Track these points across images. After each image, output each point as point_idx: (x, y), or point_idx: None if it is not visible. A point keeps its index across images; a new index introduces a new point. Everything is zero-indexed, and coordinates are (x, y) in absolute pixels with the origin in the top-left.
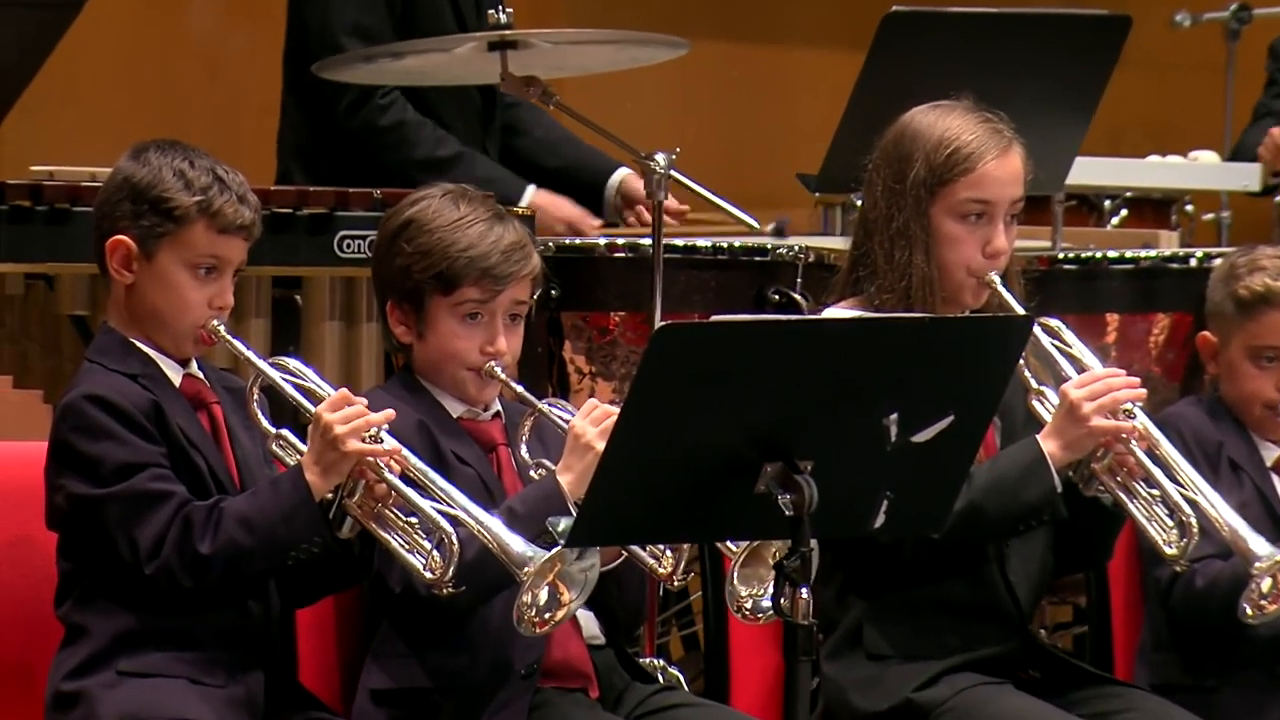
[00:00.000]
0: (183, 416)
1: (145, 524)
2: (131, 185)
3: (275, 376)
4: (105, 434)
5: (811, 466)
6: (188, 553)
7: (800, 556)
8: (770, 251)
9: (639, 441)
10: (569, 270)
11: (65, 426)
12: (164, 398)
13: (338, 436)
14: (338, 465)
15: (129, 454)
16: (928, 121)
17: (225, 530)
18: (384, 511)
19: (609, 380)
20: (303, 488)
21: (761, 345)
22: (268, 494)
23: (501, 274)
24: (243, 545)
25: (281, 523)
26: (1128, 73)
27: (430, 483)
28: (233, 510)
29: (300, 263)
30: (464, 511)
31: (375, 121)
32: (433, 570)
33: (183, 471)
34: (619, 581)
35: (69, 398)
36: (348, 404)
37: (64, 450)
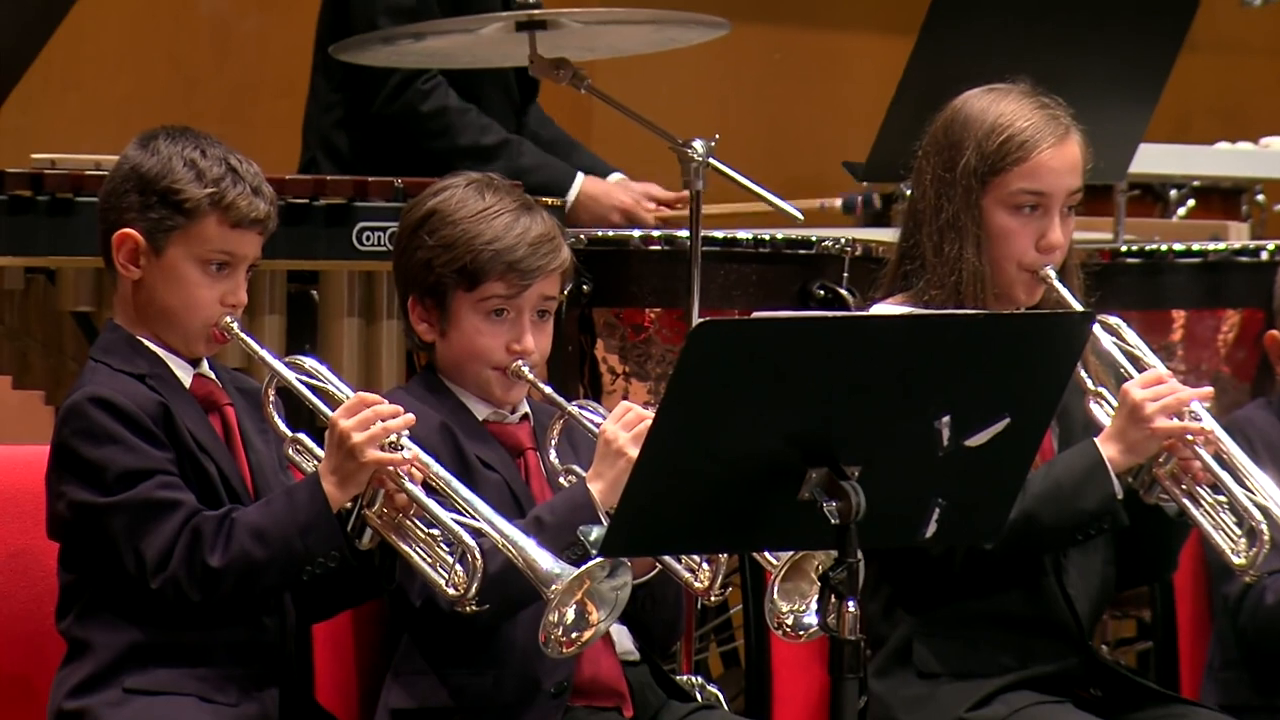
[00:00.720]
0: (193, 420)
1: (152, 534)
2: (139, 175)
3: (290, 378)
4: (110, 438)
5: (858, 472)
6: (197, 565)
7: (846, 568)
8: (815, 244)
9: (675, 446)
10: (601, 264)
11: (68, 430)
12: (173, 400)
13: (356, 445)
14: (356, 475)
15: (135, 460)
16: (980, 106)
17: (237, 542)
18: (405, 522)
19: (643, 381)
20: (320, 498)
21: (805, 343)
22: (283, 504)
23: (529, 268)
24: (256, 558)
25: (297, 535)
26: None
27: (453, 493)
28: (245, 521)
29: (317, 256)
30: (488, 524)
31: (417, 107)
32: (455, 586)
33: (192, 478)
34: (653, 595)
35: (72, 399)
36: (366, 409)
37: (66, 455)
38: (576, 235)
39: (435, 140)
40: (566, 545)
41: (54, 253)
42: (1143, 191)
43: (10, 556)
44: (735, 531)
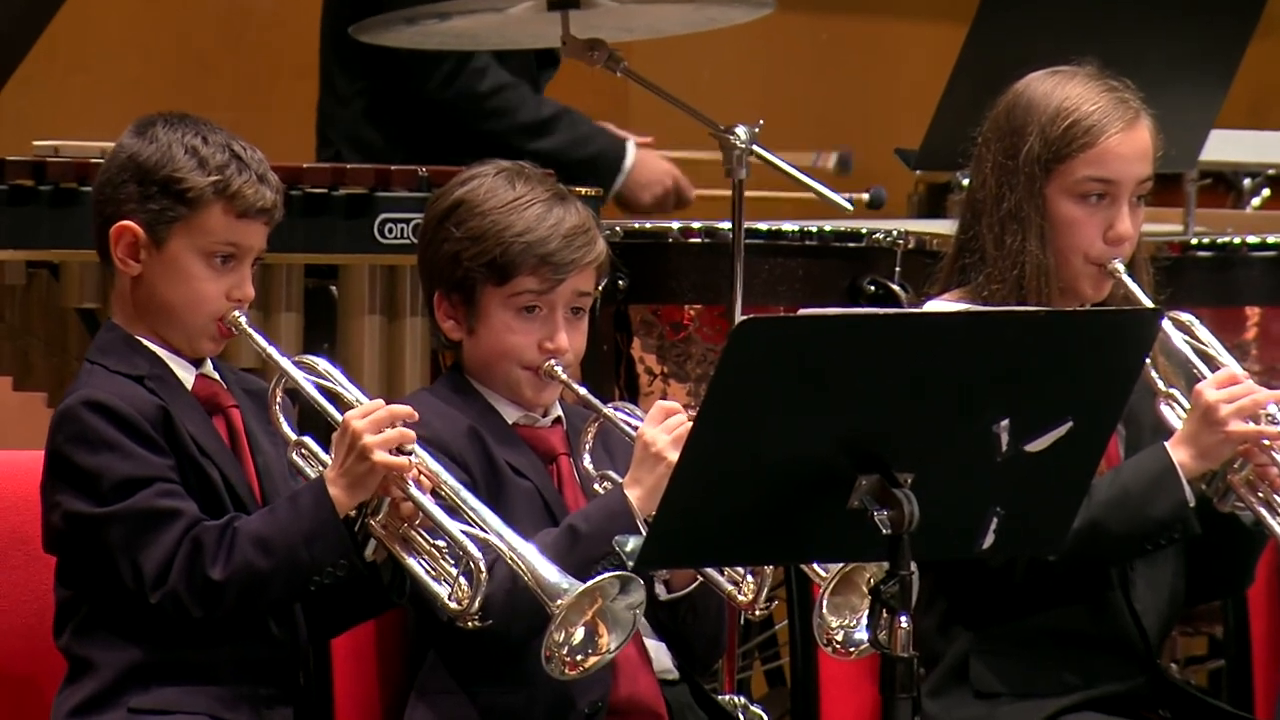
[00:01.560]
0: (195, 423)
1: (150, 546)
2: (138, 164)
3: (299, 377)
4: (106, 445)
5: (912, 479)
6: (197, 578)
7: (899, 581)
8: (865, 237)
9: (717, 451)
10: (638, 258)
11: (61, 436)
12: (173, 402)
13: (366, 446)
14: (365, 480)
15: (132, 467)
16: (1044, 90)
17: (240, 553)
18: (410, 533)
19: (683, 381)
20: (326, 504)
21: (855, 342)
22: (287, 511)
23: (562, 261)
24: (260, 569)
25: (303, 544)
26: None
27: (461, 502)
28: (248, 530)
29: (336, 249)
30: (495, 535)
31: (475, 88)
32: (458, 600)
33: (194, 485)
34: (694, 608)
35: (65, 404)
36: (381, 410)
37: (60, 463)
38: (612, 228)
39: (495, 120)
40: (602, 556)
41: (57, 246)
42: (1215, 181)
43: (10, 569)
44: (780, 542)
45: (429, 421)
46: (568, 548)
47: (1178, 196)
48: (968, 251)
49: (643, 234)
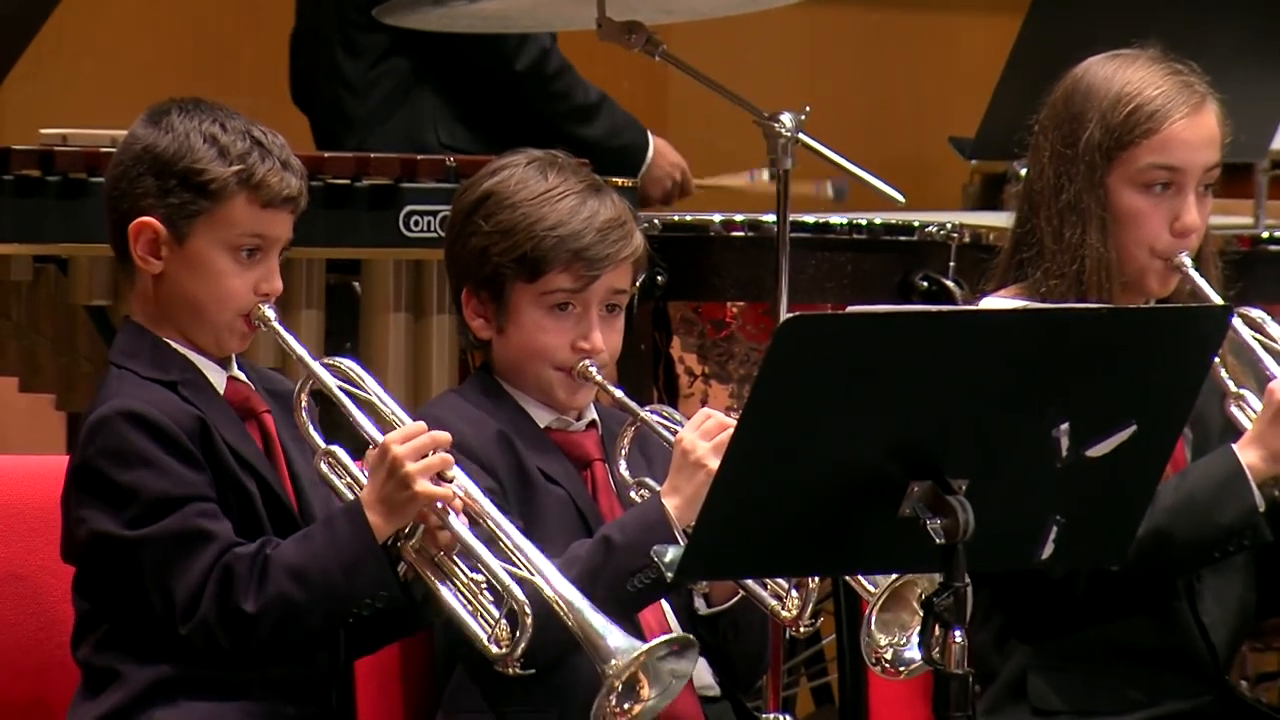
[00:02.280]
0: (232, 432)
1: (181, 572)
2: (154, 156)
3: (331, 384)
4: (142, 460)
5: (966, 486)
6: (230, 610)
7: (953, 593)
8: (917, 230)
9: (760, 456)
10: (678, 252)
11: (94, 448)
12: (209, 410)
13: (409, 474)
14: (405, 508)
15: (168, 485)
16: (1105, 74)
17: (274, 583)
18: (445, 561)
19: (725, 383)
20: (365, 531)
21: (907, 341)
22: (323, 539)
23: (597, 256)
24: (295, 601)
25: (341, 573)
26: None
27: (504, 536)
28: (282, 558)
29: (360, 243)
30: (542, 577)
31: (544, 68)
32: (499, 643)
33: (232, 500)
34: (736, 623)
35: (100, 413)
36: (423, 435)
37: (90, 476)
38: (650, 220)
39: (556, 102)
40: (639, 568)
41: (66, 240)
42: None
43: (15, 580)
44: (827, 553)
45: (456, 426)
46: (602, 560)
47: (1248, 187)
48: (1025, 246)
49: (683, 227)
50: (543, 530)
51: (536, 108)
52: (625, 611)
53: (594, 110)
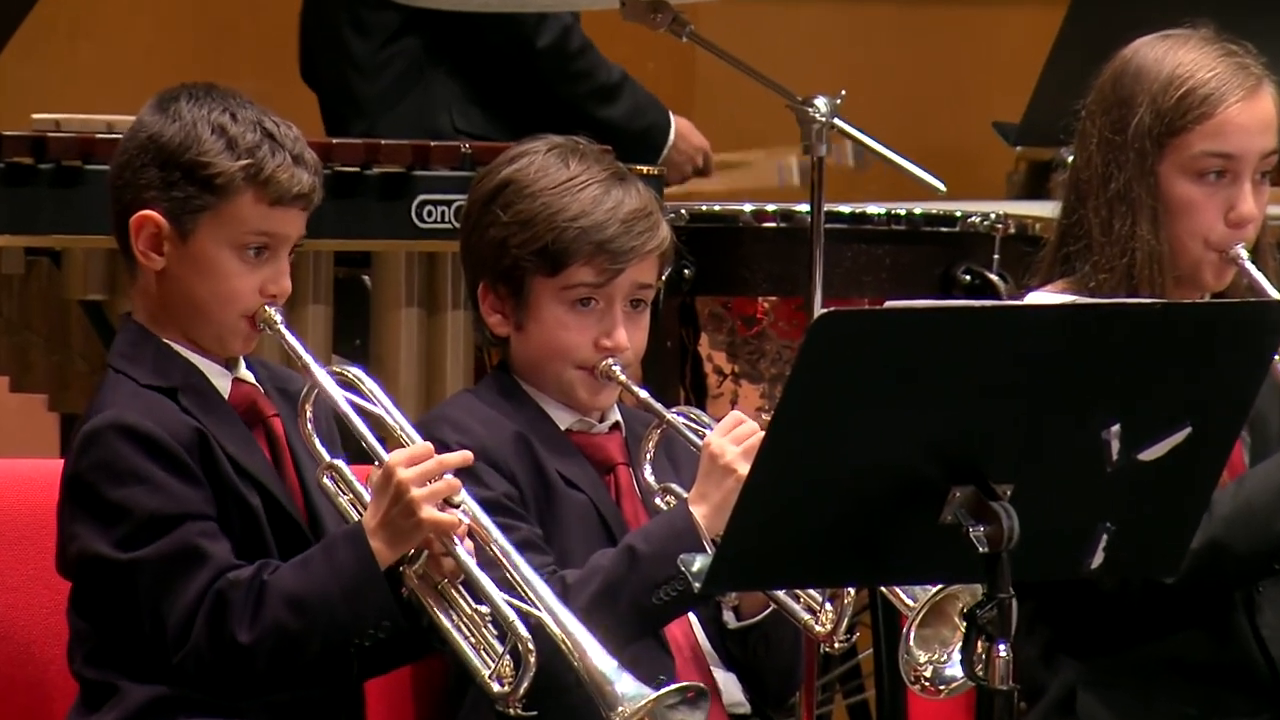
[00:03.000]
0: (234, 441)
1: (173, 598)
2: (159, 146)
3: (337, 397)
4: (135, 476)
5: (1011, 491)
6: (223, 640)
7: (997, 605)
8: (959, 221)
9: (792, 460)
10: (706, 244)
11: (86, 462)
12: (211, 419)
13: (414, 500)
14: (410, 535)
15: (162, 503)
16: (1155, 56)
17: (270, 611)
18: (449, 590)
19: (756, 383)
20: (367, 558)
21: (949, 338)
22: (323, 565)
23: (621, 249)
24: (293, 631)
25: (343, 602)
26: None
27: (512, 568)
28: (280, 585)
29: (370, 234)
30: (548, 614)
31: (567, 46)
32: (502, 681)
33: (233, 516)
34: (766, 638)
35: (93, 425)
36: (430, 459)
37: (82, 492)
38: (677, 210)
39: (577, 82)
40: (665, 580)
41: (59, 231)
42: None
43: (6, 590)
44: (863, 562)
45: (472, 428)
46: (626, 570)
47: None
48: (1072, 237)
49: (711, 218)
50: (563, 538)
51: (556, 88)
52: (650, 626)
53: (616, 90)
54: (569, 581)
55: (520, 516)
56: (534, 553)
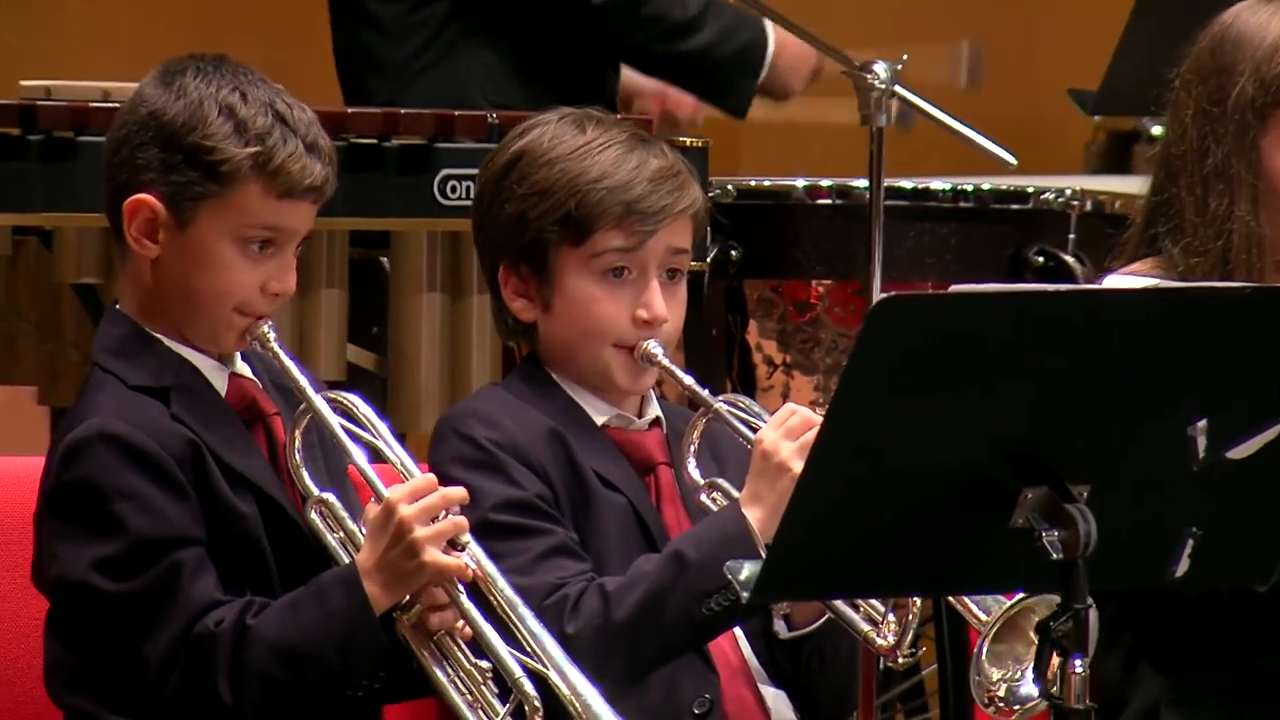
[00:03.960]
0: (232, 446)
1: (156, 636)
2: (161, 124)
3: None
4: (123, 494)
5: (1088, 492)
6: (203, 691)
7: (1073, 616)
8: (1032, 197)
9: (849, 458)
10: (755, 222)
11: (70, 475)
12: (206, 423)
13: (417, 541)
14: (409, 579)
15: (150, 524)
16: (1259, 21)
17: (255, 661)
18: (446, 642)
19: (809, 374)
20: (361, 604)
21: (1020, 326)
22: (313, 611)
23: (651, 209)
24: (280, 683)
25: (334, 651)
26: None
27: (518, 620)
28: (265, 633)
29: (388, 212)
30: (555, 670)
31: None
32: None
33: (227, 530)
34: (821, 652)
35: (79, 433)
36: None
37: (65, 508)
38: (723, 186)
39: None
40: (714, 590)
41: (50, 209)
42: None
43: None
44: (927, 570)
45: (502, 422)
46: (672, 580)
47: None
48: (1161, 217)
49: (760, 193)
50: (600, 542)
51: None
52: (698, 639)
53: (698, 21)
54: (609, 589)
55: (554, 519)
56: (569, 558)
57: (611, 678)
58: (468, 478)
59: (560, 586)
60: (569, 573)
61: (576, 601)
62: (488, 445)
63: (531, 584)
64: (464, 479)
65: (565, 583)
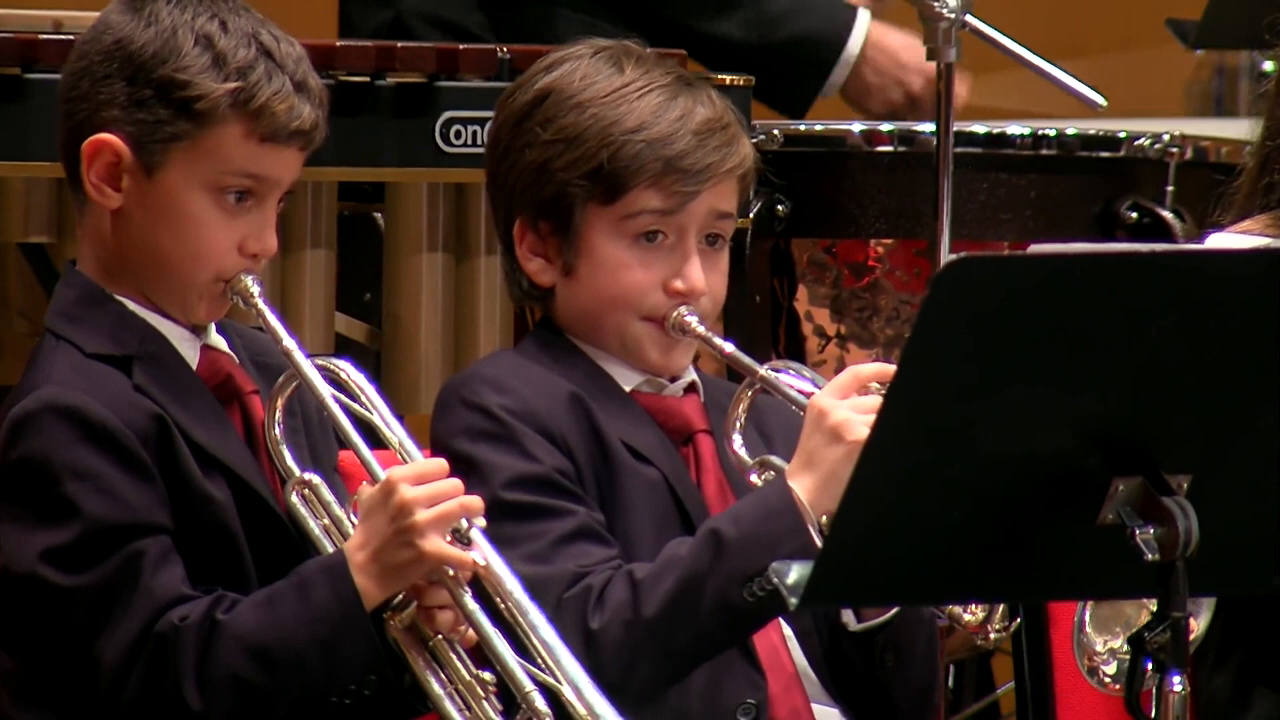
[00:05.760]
0: (203, 422)
1: (111, 633)
2: (127, 55)
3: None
4: (77, 473)
5: (1188, 484)
6: (166, 696)
7: (1171, 626)
8: (1123, 143)
9: (914, 443)
10: (805, 174)
11: (17, 453)
12: (174, 397)
13: (417, 525)
14: (405, 570)
15: (109, 508)
16: None
17: (225, 661)
18: (443, 647)
19: (868, 346)
20: (350, 599)
21: (1110, 292)
22: (293, 605)
23: (694, 166)
24: (254, 686)
25: (316, 652)
26: None
27: (530, 628)
28: (238, 629)
29: (383, 161)
30: (569, 685)
31: None
32: None
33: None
34: (895, 646)
35: (27, 405)
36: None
37: (12, 490)
38: (768, 131)
39: None
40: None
41: None
42: None
43: None
44: (1001, 572)
45: (516, 388)
46: (710, 562)
47: None
48: (1276, 165)
49: (811, 139)
50: (629, 523)
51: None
52: (739, 631)
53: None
54: (638, 578)
55: (575, 497)
56: (592, 543)
57: (642, 678)
58: (476, 451)
59: (583, 575)
60: (593, 559)
61: (601, 592)
62: (499, 413)
63: (550, 573)
64: (472, 453)
65: (588, 571)
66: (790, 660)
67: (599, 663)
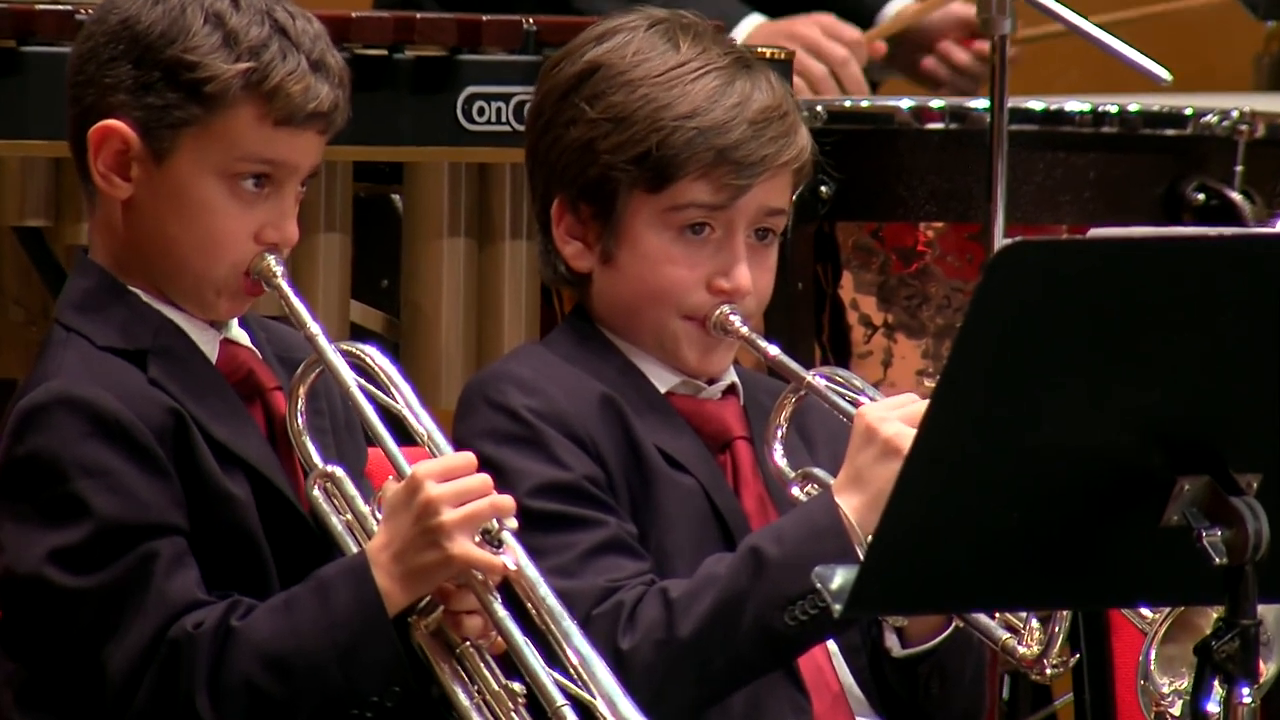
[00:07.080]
0: (223, 419)
1: (121, 638)
2: (134, 35)
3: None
4: (88, 470)
5: (1258, 484)
6: (176, 705)
7: (1239, 634)
8: (1189, 120)
9: (966, 440)
10: (851, 153)
11: (25, 448)
12: (192, 392)
13: (445, 525)
14: (432, 573)
15: (121, 507)
16: None
17: (240, 669)
18: (471, 655)
19: (916, 337)
20: (372, 601)
21: (1175, 279)
22: (311, 609)
23: (749, 157)
24: (269, 696)
25: (336, 660)
26: None
27: (562, 636)
28: (253, 637)
29: (401, 140)
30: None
31: None
32: None
33: (212, 520)
34: (942, 671)
35: (36, 397)
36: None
37: (19, 487)
38: (812, 109)
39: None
40: (798, 595)
41: None
42: None
43: None
44: (1059, 578)
45: (544, 389)
46: (749, 583)
47: None
48: None
49: (857, 116)
50: (663, 535)
51: None
52: (781, 656)
53: None
54: (672, 595)
55: (606, 507)
56: (624, 555)
57: (673, 703)
58: (501, 456)
59: (613, 591)
60: (624, 573)
61: (633, 610)
62: (526, 416)
63: (578, 587)
64: (496, 457)
65: (619, 586)
66: (836, 678)
67: (628, 685)
